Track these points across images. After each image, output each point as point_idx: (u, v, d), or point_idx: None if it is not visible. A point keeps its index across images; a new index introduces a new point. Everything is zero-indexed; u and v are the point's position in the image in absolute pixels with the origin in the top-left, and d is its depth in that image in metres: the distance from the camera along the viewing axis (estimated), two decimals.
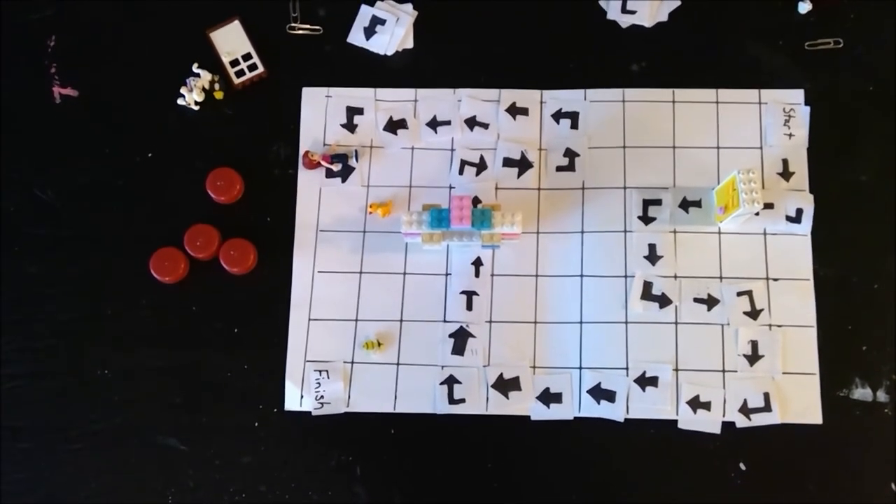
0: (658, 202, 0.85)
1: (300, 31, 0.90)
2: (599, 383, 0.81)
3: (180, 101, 0.88)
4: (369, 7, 0.91)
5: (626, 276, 0.83)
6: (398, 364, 0.83)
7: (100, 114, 0.89)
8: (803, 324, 0.82)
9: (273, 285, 0.85)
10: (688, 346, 0.82)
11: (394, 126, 0.88)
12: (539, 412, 0.81)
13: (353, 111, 0.88)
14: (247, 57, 0.89)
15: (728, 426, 0.80)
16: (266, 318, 0.84)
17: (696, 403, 0.80)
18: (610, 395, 0.81)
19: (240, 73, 0.88)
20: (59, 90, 0.89)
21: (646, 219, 0.85)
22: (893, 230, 0.84)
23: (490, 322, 0.83)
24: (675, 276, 0.83)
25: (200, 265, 0.85)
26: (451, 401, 0.81)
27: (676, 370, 0.81)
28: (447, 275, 0.85)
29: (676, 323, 0.82)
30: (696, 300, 0.83)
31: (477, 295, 0.84)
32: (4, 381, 0.83)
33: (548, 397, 0.81)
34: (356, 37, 0.90)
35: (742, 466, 0.80)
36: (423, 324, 0.83)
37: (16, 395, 0.83)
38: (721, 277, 0.83)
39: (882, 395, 0.81)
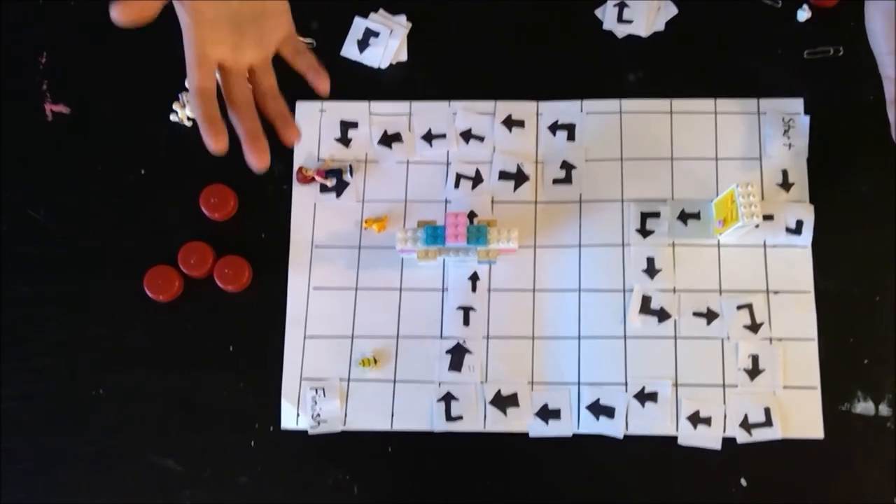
0: (656, 215, 0.84)
1: None
2: (598, 399, 0.80)
3: (173, 118, 0.87)
4: (363, 19, 0.90)
5: (624, 291, 0.82)
6: (395, 381, 0.82)
7: (91, 131, 0.88)
8: (804, 337, 0.81)
9: (268, 302, 0.84)
10: (687, 360, 0.81)
11: (388, 140, 0.87)
12: (537, 429, 0.80)
13: (347, 125, 0.88)
14: None
15: (729, 442, 0.79)
16: (261, 336, 0.83)
17: (696, 419, 0.79)
18: (609, 411, 0.80)
19: None
20: (50, 107, 0.89)
21: (644, 232, 0.84)
22: (895, 241, 0.83)
23: (487, 338, 0.82)
24: (674, 290, 0.82)
25: (195, 283, 0.84)
26: (449, 418, 0.81)
27: (676, 385, 0.80)
28: (443, 290, 0.84)
29: (676, 337, 0.81)
30: (696, 314, 0.82)
31: (474, 310, 0.83)
32: (0, 402, 0.82)
33: (546, 413, 0.80)
34: (349, 50, 0.89)
35: (743, 482, 0.79)
36: (419, 340, 0.83)
37: (10, 416, 0.82)
38: (720, 291, 0.82)
39: (884, 409, 0.80)
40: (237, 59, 0.70)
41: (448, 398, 0.81)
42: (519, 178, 0.86)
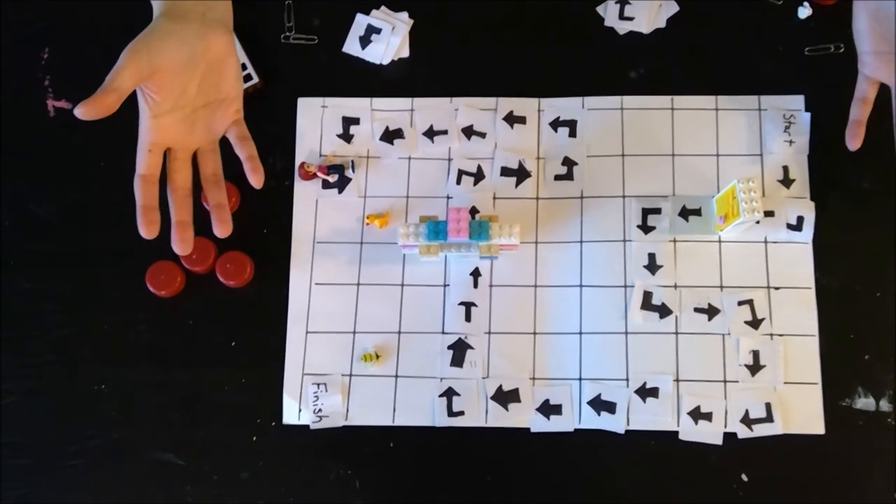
0: (657, 211, 0.84)
1: (295, 41, 0.90)
2: (599, 394, 0.80)
3: None
4: (364, 16, 0.90)
5: (625, 286, 0.83)
6: (396, 376, 0.82)
7: (94, 126, 0.87)
8: (805, 333, 0.81)
9: (270, 298, 0.84)
10: (688, 356, 0.81)
11: (390, 136, 0.87)
12: (539, 424, 0.80)
13: (349, 121, 0.88)
14: (241, 68, 0.88)
15: (729, 437, 0.79)
16: (263, 332, 0.83)
17: (697, 414, 0.80)
18: (610, 407, 0.80)
19: None
20: (53, 103, 0.89)
21: (645, 228, 0.84)
22: (895, 238, 0.83)
23: (489, 333, 0.83)
24: (675, 286, 0.83)
25: (197, 278, 0.84)
26: (450, 413, 0.81)
27: (677, 381, 0.80)
28: (445, 286, 0.84)
29: (677, 333, 0.82)
30: (697, 310, 0.82)
31: (475, 306, 0.83)
32: (3, 397, 0.83)
33: (548, 409, 0.81)
34: (351, 46, 0.89)
35: (744, 477, 0.79)
36: (421, 335, 0.83)
37: (13, 411, 0.82)
38: (721, 287, 0.82)
39: (885, 405, 0.80)
40: (185, 144, 0.74)
41: (450, 393, 0.81)
42: (520, 174, 0.86)
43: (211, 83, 0.75)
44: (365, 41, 0.89)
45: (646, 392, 0.80)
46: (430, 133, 0.87)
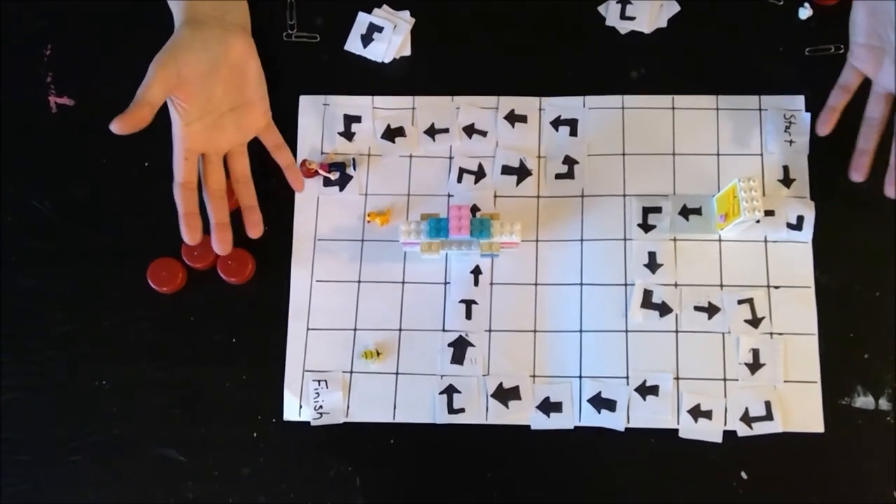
0: (658, 210, 0.84)
1: (297, 40, 0.90)
2: (600, 392, 0.81)
3: None
4: (366, 14, 0.90)
5: (626, 285, 0.83)
6: (397, 374, 0.82)
7: (96, 123, 0.87)
8: (804, 332, 0.82)
9: (271, 295, 0.84)
10: (688, 354, 0.81)
11: (392, 134, 0.88)
12: (539, 421, 0.81)
13: (350, 119, 0.88)
14: None
15: (729, 435, 0.80)
16: (264, 328, 0.83)
17: (696, 412, 0.80)
18: (610, 405, 0.80)
19: None
20: (54, 100, 0.89)
21: (646, 227, 0.84)
22: (895, 237, 0.83)
23: (489, 331, 0.83)
24: (676, 285, 0.83)
25: (198, 275, 0.85)
26: (451, 410, 0.81)
27: (677, 379, 0.81)
28: (446, 283, 0.84)
29: (677, 331, 0.82)
30: (697, 308, 0.82)
31: (476, 304, 0.83)
32: (3, 393, 0.83)
33: (548, 406, 0.81)
34: (353, 44, 0.90)
35: (743, 475, 0.79)
36: (421, 333, 0.83)
37: (14, 407, 0.82)
38: (721, 285, 0.83)
39: (884, 404, 0.80)
40: (216, 147, 0.78)
41: (450, 391, 0.81)
42: (521, 172, 0.86)
43: (235, 86, 0.76)
44: (367, 39, 0.89)
45: (646, 390, 0.80)
46: (432, 131, 0.88)
